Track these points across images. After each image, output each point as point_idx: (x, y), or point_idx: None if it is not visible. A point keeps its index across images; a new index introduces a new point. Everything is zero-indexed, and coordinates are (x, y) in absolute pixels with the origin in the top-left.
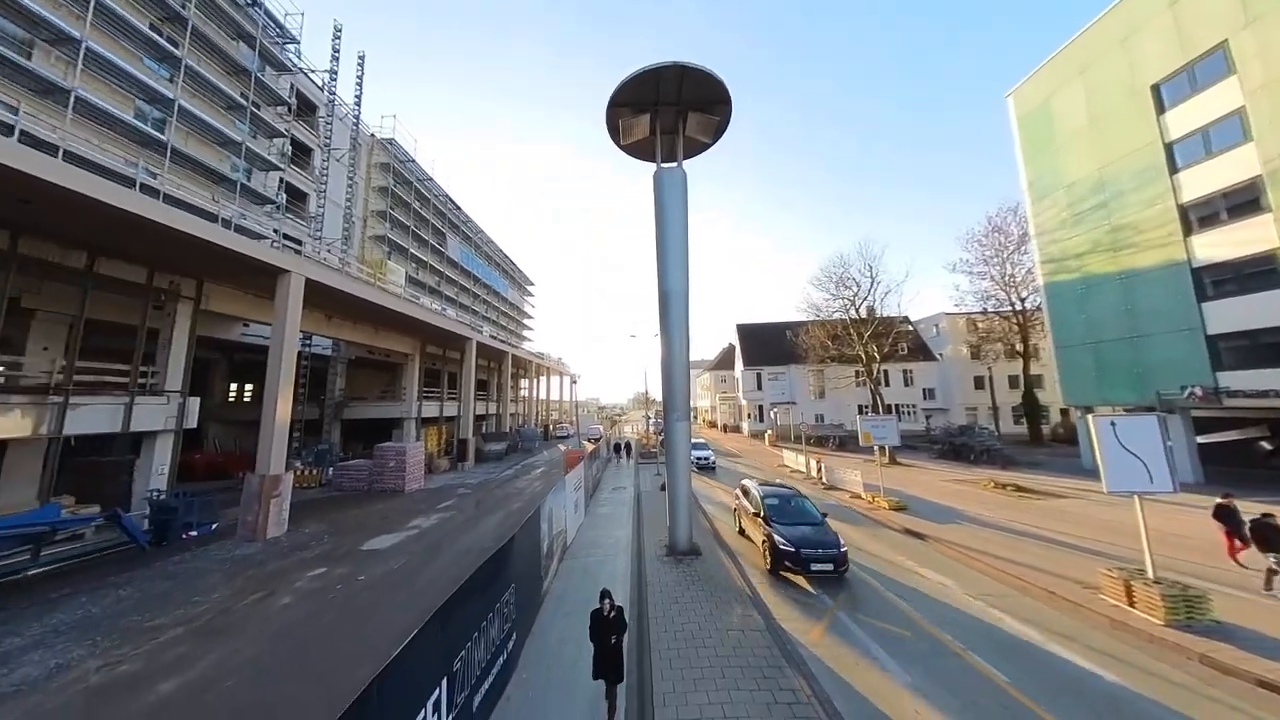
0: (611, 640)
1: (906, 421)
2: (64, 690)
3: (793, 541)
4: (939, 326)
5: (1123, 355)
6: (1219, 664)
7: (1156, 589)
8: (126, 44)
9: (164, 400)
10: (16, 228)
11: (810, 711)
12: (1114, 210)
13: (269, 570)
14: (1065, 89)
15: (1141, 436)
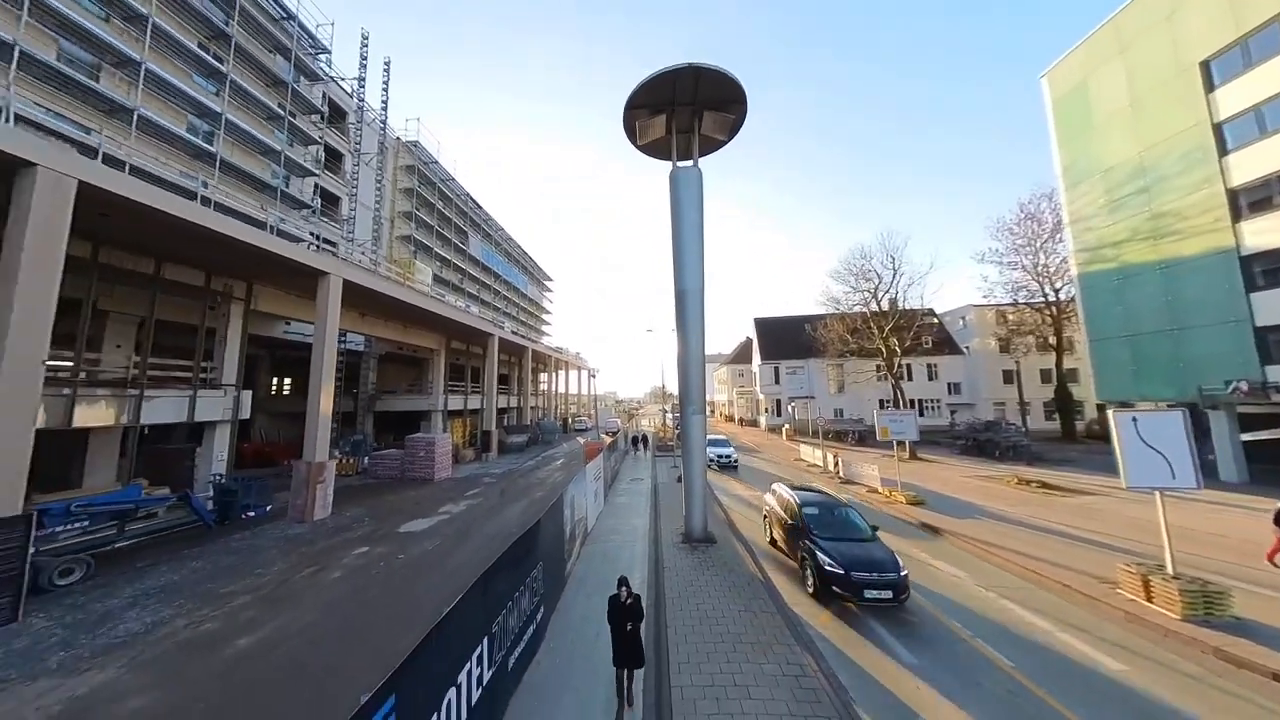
0: (628, 627)
1: (930, 417)
2: (160, 643)
3: (842, 562)
4: (965, 319)
5: (1162, 348)
6: (1233, 657)
7: (1175, 584)
8: (179, 63)
9: (222, 393)
10: (95, 239)
11: (816, 683)
12: (1155, 196)
13: (318, 548)
14: (1104, 69)
15: (1165, 432)
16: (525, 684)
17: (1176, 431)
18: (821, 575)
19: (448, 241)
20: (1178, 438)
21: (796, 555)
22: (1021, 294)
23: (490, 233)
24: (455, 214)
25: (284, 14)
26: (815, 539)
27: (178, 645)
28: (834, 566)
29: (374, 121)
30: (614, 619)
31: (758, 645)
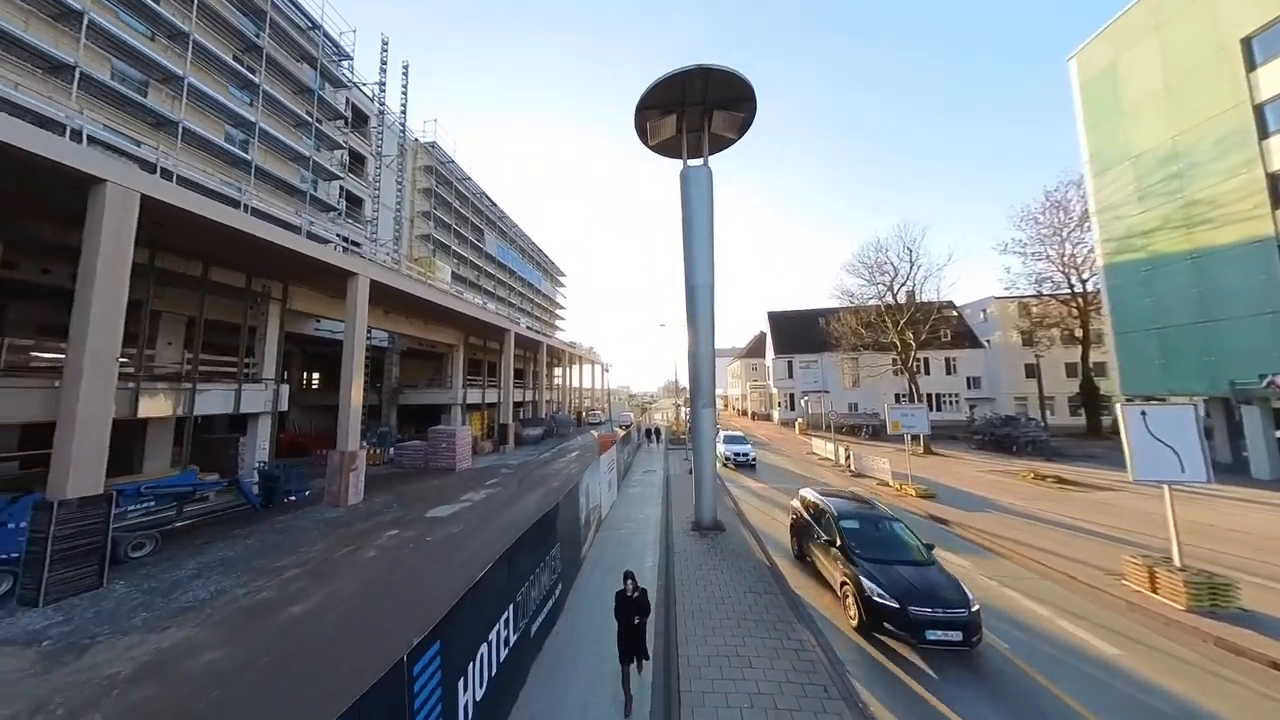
0: (635, 621)
1: (948, 411)
2: (225, 608)
3: (895, 593)
4: (986, 311)
5: (1192, 341)
6: (1233, 646)
7: (1180, 575)
8: (216, 76)
9: (263, 387)
10: (152, 245)
11: (814, 656)
12: (1188, 183)
13: (354, 530)
14: (1136, 49)
15: (1175, 426)
16: (546, 650)
17: (1188, 426)
18: (869, 607)
19: (464, 239)
20: (1189, 432)
21: (835, 578)
22: (1046, 285)
23: (505, 229)
24: (471, 212)
25: (310, 23)
26: (858, 560)
27: (240, 610)
28: (885, 598)
29: (394, 124)
30: (620, 613)
31: (761, 623)
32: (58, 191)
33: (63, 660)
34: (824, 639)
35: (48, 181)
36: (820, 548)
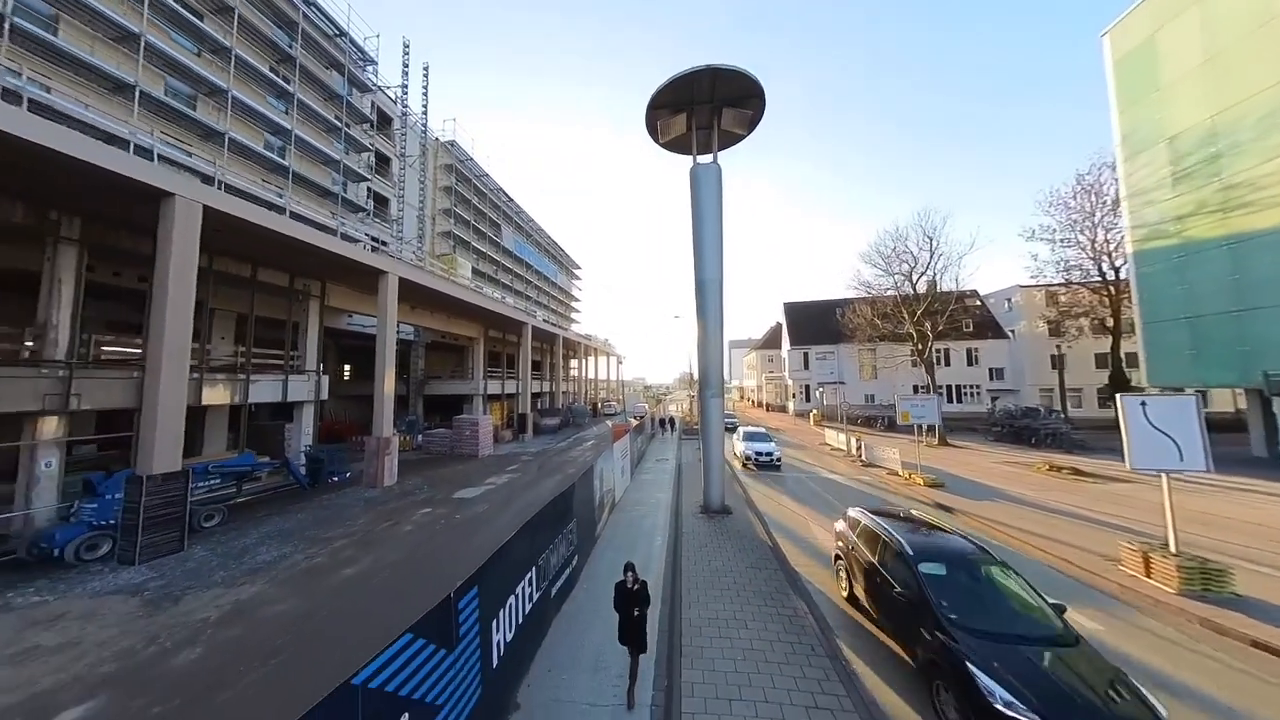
0: (635, 613)
1: (969, 403)
2: (288, 569)
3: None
4: (1011, 301)
5: (1225, 331)
6: (1217, 626)
7: (1173, 560)
8: (255, 87)
9: (306, 377)
10: (210, 249)
11: (805, 622)
12: (1227, 164)
13: (391, 507)
14: (1175, 22)
15: (1175, 416)
16: (564, 612)
17: (1188, 416)
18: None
19: (483, 235)
20: (1189, 422)
21: (914, 648)
22: (1075, 274)
23: (521, 224)
24: (489, 208)
25: (336, 31)
26: (957, 633)
27: (300, 571)
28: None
29: (415, 125)
30: (621, 605)
31: (759, 594)
32: (131, 203)
33: (162, 607)
34: (816, 609)
35: (124, 195)
36: (885, 600)
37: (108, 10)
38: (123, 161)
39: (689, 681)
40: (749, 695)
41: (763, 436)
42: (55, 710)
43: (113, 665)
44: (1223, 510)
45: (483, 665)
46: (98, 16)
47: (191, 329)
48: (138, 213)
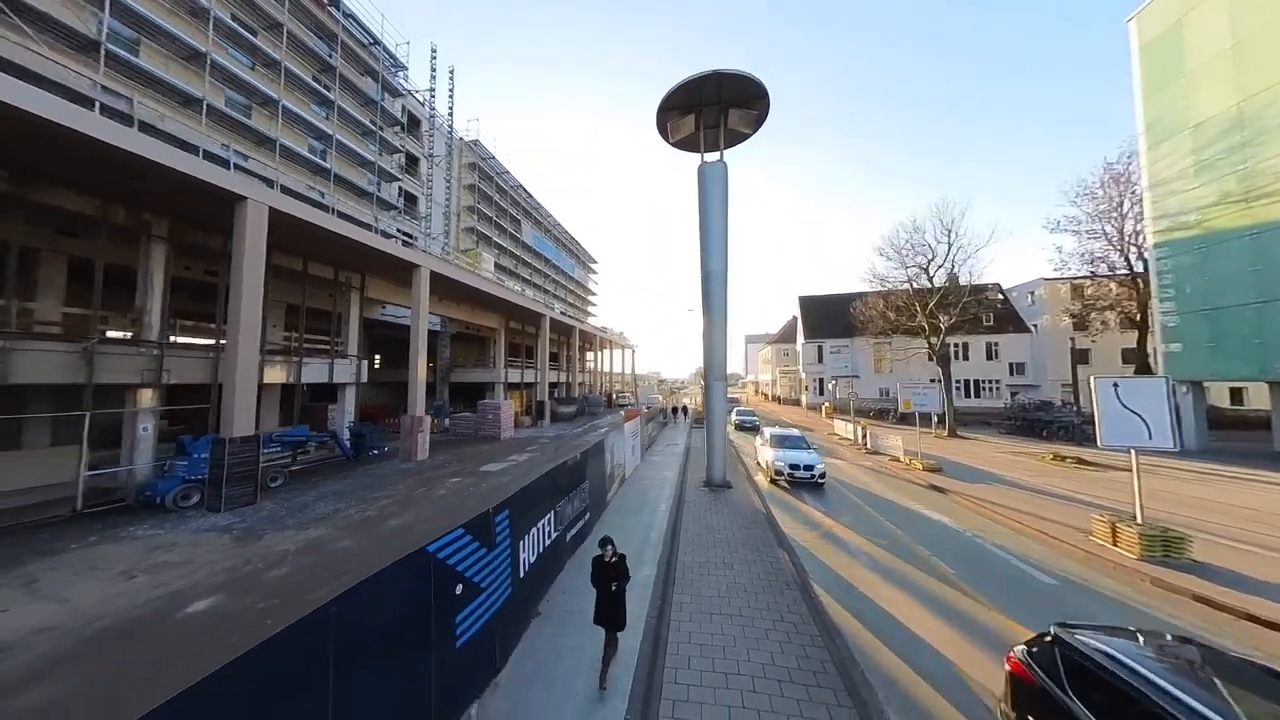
0: (612, 587)
1: (987, 398)
2: (344, 520)
3: None
4: (1035, 294)
5: (1244, 324)
6: (1167, 584)
7: (1136, 530)
8: (300, 95)
9: (349, 362)
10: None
11: (783, 566)
12: (1252, 153)
13: (425, 477)
14: (1202, 6)
15: (1145, 397)
16: (576, 556)
17: (1158, 397)
18: None
19: (504, 230)
20: (1159, 402)
21: None
22: (1101, 266)
23: (540, 219)
24: (509, 204)
25: (371, 39)
26: None
27: (354, 521)
28: None
29: (441, 126)
30: (598, 579)
31: (747, 546)
32: (209, 206)
33: (249, 542)
34: (796, 557)
35: (205, 198)
36: None
37: (180, 33)
38: (207, 170)
39: (678, 601)
40: (726, 610)
41: (797, 441)
42: (190, 601)
43: (222, 577)
44: (1220, 497)
45: (513, 572)
46: (171, 38)
47: (261, 315)
48: (210, 214)
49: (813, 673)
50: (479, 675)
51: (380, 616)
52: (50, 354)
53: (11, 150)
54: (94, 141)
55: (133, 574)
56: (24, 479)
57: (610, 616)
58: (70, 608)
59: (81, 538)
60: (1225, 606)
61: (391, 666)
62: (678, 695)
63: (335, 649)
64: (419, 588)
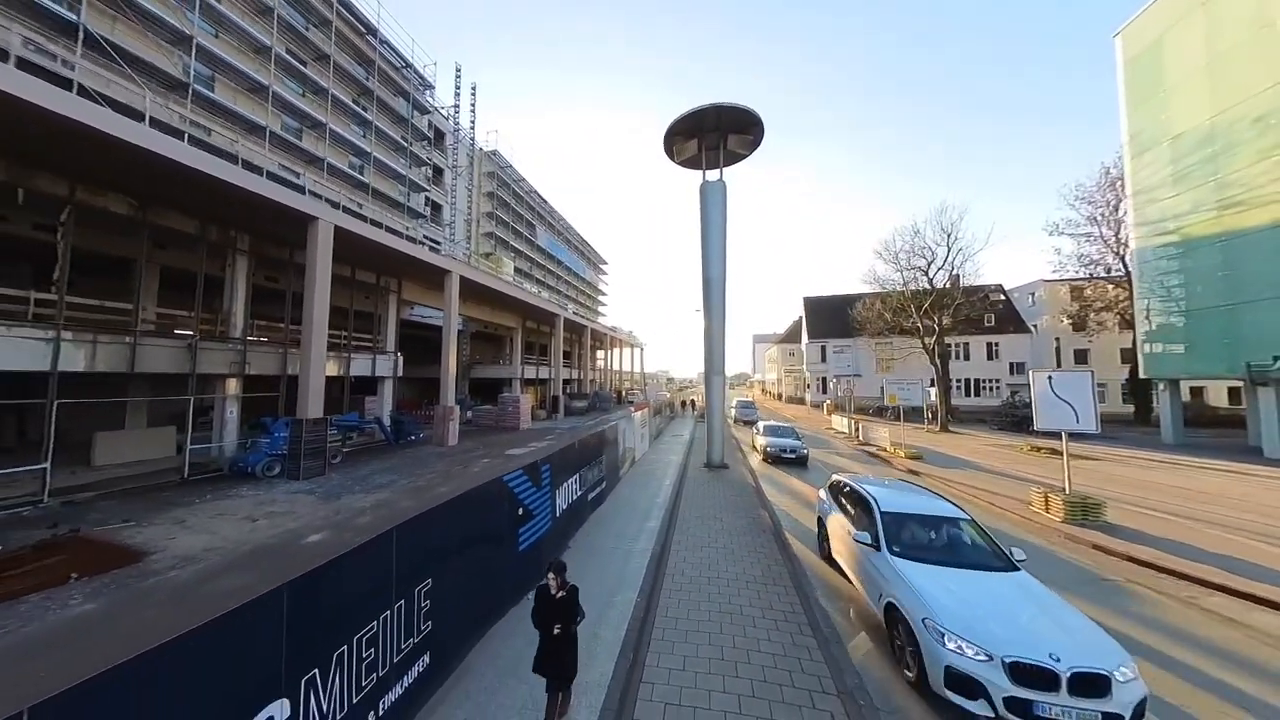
0: (555, 630)
1: (987, 397)
2: (400, 488)
3: None
4: (1035, 295)
5: (1215, 325)
6: (1075, 537)
7: (1061, 498)
8: (342, 117)
9: (388, 357)
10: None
11: (765, 521)
12: (1223, 164)
13: (458, 458)
14: (1182, 24)
15: (1075, 388)
16: (594, 516)
17: (1085, 388)
18: None
19: (520, 234)
20: (1085, 392)
21: None
22: (1098, 269)
23: (553, 223)
24: (525, 209)
25: (403, 63)
26: None
27: (409, 489)
28: None
29: (464, 139)
30: (539, 617)
31: (736, 508)
32: (283, 224)
33: (330, 501)
34: (775, 515)
35: (281, 218)
36: None
37: (247, 69)
38: (288, 195)
39: (677, 541)
40: (713, 545)
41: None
42: (305, 535)
43: (321, 522)
44: (1167, 481)
45: (552, 510)
46: (241, 75)
47: (327, 317)
48: (282, 230)
49: (772, 579)
50: (532, 575)
51: (477, 518)
52: (164, 349)
53: (138, 182)
54: (213, 179)
55: (254, 519)
56: (129, 454)
57: (555, 665)
58: (220, 537)
59: (200, 496)
60: (1113, 551)
61: (486, 551)
62: (674, 588)
63: (451, 538)
64: (499, 502)
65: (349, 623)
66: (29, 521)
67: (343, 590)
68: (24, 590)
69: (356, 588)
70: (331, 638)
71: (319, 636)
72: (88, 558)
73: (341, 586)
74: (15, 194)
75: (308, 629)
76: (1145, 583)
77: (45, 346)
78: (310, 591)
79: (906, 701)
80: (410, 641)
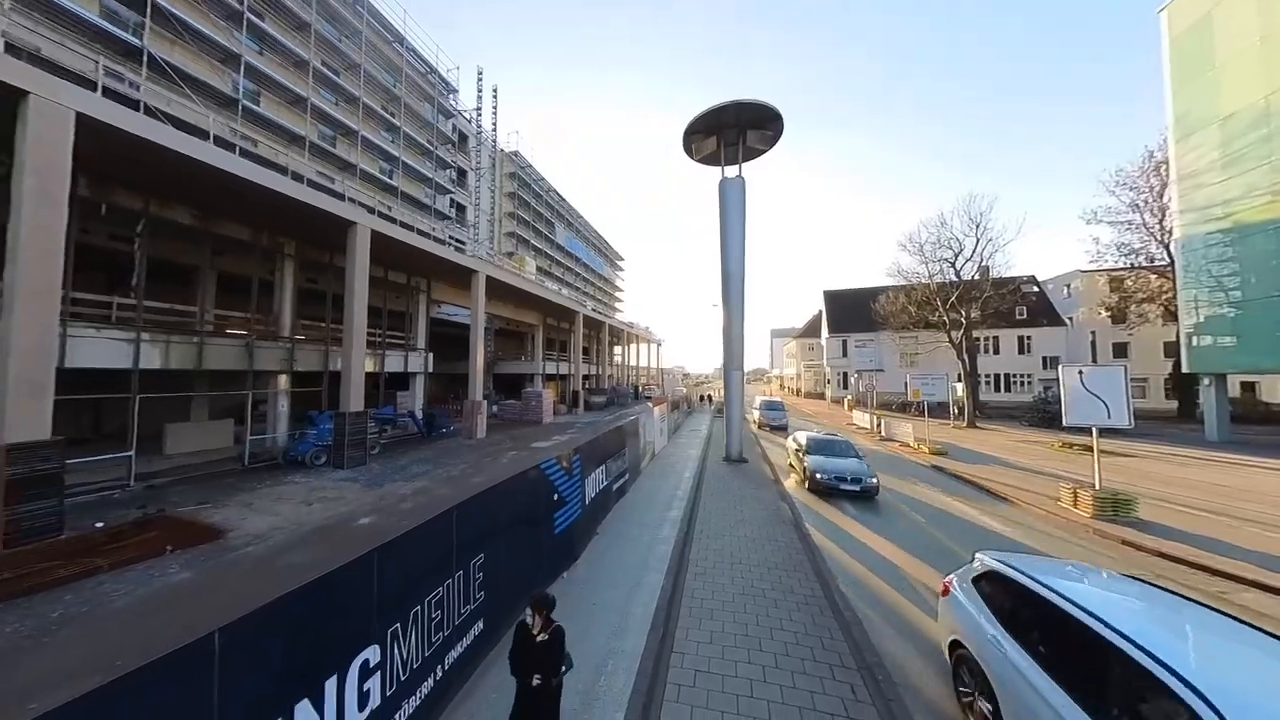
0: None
1: (1018, 392)
2: (436, 477)
3: None
4: (1070, 287)
5: (1269, 315)
6: (1105, 533)
7: (1091, 494)
8: (372, 124)
9: (419, 354)
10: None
11: (786, 515)
12: (1278, 147)
13: (487, 450)
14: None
15: (1107, 382)
16: (619, 506)
17: (1117, 382)
18: None
19: (539, 233)
20: (1118, 387)
21: None
22: (1140, 258)
23: (571, 220)
24: (544, 208)
25: (429, 68)
26: None
27: (444, 478)
28: None
29: (486, 141)
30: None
31: (757, 501)
32: (325, 230)
33: (374, 489)
34: (797, 511)
35: (324, 224)
36: None
37: (288, 82)
38: (330, 203)
39: (699, 529)
40: (734, 534)
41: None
42: (357, 517)
43: (369, 506)
44: (1207, 478)
45: (582, 497)
46: (283, 89)
47: (366, 316)
48: (324, 235)
49: (793, 566)
50: (566, 557)
51: (520, 501)
52: (225, 348)
53: (202, 195)
54: (270, 191)
55: (310, 502)
56: (195, 444)
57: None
58: (282, 518)
59: (260, 482)
60: (1143, 547)
61: (527, 532)
62: (698, 571)
63: (499, 519)
64: (537, 487)
65: (421, 586)
66: (121, 503)
67: (415, 558)
68: (132, 559)
69: (426, 557)
70: (409, 597)
71: (400, 595)
72: (177, 534)
73: (415, 555)
74: (98, 208)
75: (392, 587)
76: (1174, 577)
77: (127, 346)
78: (394, 555)
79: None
80: (468, 608)
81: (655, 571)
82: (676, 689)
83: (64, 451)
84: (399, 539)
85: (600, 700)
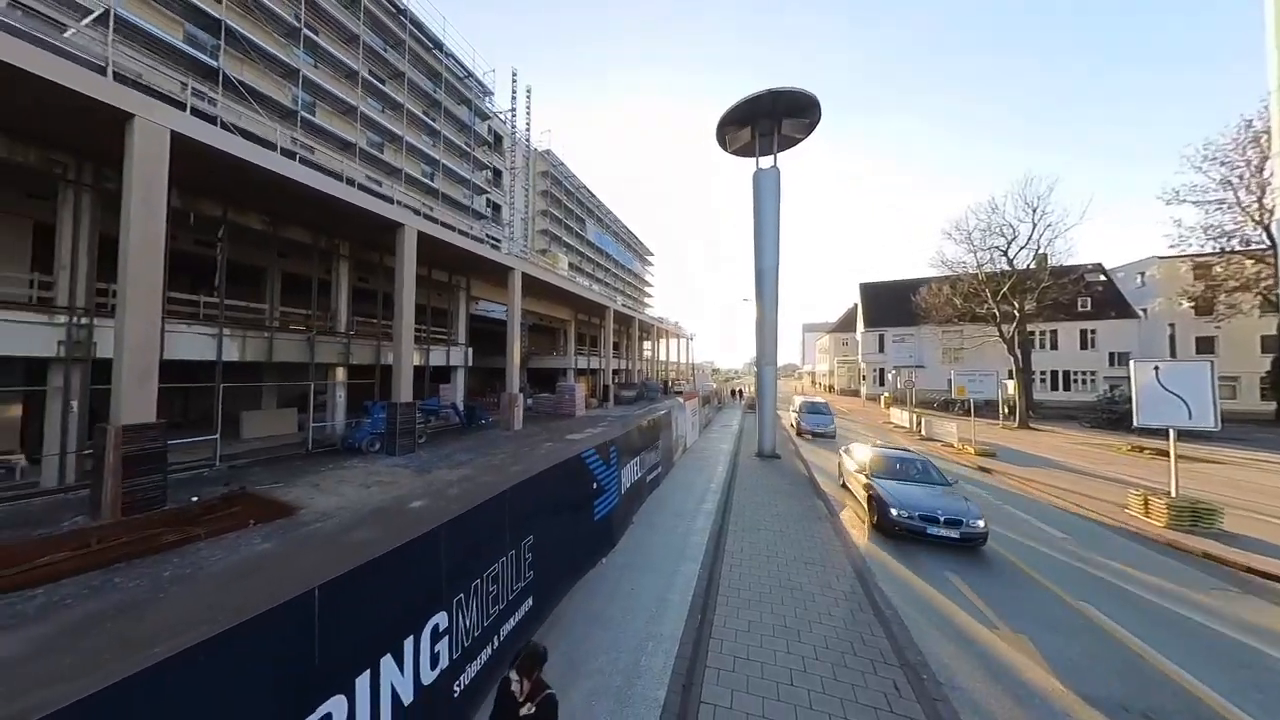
0: None
1: (1079, 391)
2: (480, 465)
3: None
4: (1145, 275)
5: None
6: (1182, 546)
7: (1165, 502)
8: (415, 130)
9: (460, 349)
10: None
11: (821, 511)
12: None
13: (525, 441)
14: None
15: (1189, 380)
16: (652, 497)
17: (1201, 380)
18: None
19: (571, 230)
20: (1203, 385)
21: None
22: (1232, 241)
23: (601, 216)
24: (575, 205)
25: (466, 73)
26: None
27: (487, 465)
28: None
29: (520, 140)
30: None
31: (791, 497)
32: (374, 231)
33: (424, 474)
34: (832, 505)
35: (374, 226)
36: None
37: (339, 93)
38: (382, 206)
39: (734, 523)
40: (767, 526)
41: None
42: (410, 500)
43: (420, 490)
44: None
45: (619, 487)
46: (335, 98)
47: (414, 314)
48: (374, 237)
49: (830, 562)
50: (605, 543)
51: (564, 487)
52: (291, 342)
53: (272, 202)
54: (332, 198)
55: (367, 485)
56: (265, 430)
57: None
58: (346, 499)
59: (324, 465)
60: (1227, 561)
61: (570, 517)
62: (734, 563)
63: (546, 502)
64: (579, 475)
65: (480, 561)
66: (209, 480)
67: (475, 535)
68: (223, 530)
69: (483, 534)
70: (470, 569)
71: (463, 566)
72: (258, 509)
73: (474, 532)
74: (187, 217)
75: (456, 559)
76: (1269, 597)
77: (212, 340)
78: (457, 530)
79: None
80: (519, 585)
81: (691, 561)
82: (716, 673)
83: (165, 433)
84: (461, 516)
85: (643, 678)
